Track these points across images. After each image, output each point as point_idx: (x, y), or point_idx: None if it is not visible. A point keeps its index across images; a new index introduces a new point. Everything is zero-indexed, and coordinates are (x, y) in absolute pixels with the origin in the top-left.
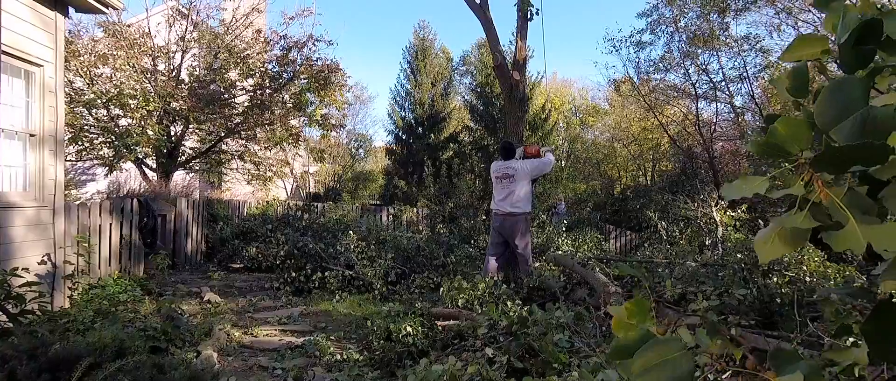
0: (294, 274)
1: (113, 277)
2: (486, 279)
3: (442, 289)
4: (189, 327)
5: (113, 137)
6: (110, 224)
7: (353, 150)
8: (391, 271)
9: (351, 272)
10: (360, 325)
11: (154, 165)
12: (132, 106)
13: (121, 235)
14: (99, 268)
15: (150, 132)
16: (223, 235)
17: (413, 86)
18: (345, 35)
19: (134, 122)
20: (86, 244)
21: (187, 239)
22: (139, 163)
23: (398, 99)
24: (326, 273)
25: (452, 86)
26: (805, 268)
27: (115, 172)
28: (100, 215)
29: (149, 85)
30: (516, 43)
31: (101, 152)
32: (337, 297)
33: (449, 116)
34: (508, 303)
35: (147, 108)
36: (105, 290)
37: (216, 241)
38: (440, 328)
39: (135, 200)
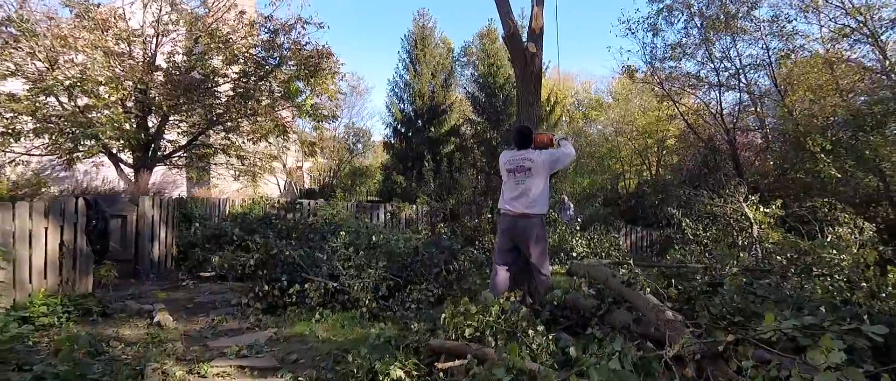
0: (267, 287)
1: (41, 294)
2: (500, 301)
3: (444, 315)
4: (112, 367)
5: (74, 127)
6: (46, 229)
7: (352, 144)
8: (382, 284)
9: (335, 285)
10: (339, 359)
11: (132, 161)
12: (97, 93)
13: (61, 241)
14: (30, 283)
15: (115, 121)
16: (193, 238)
17: (412, 77)
18: (342, 23)
19: (98, 110)
20: (4, 253)
21: (153, 243)
22: (114, 158)
23: (397, 90)
24: (306, 285)
25: (454, 77)
26: (892, 289)
27: (74, 166)
28: (30, 217)
29: (118, 70)
30: (532, 9)
31: (66, 145)
32: (317, 315)
33: (450, 109)
34: (530, 332)
35: (114, 95)
36: (22, 312)
37: (187, 245)
38: (440, 372)
39: (80, 199)
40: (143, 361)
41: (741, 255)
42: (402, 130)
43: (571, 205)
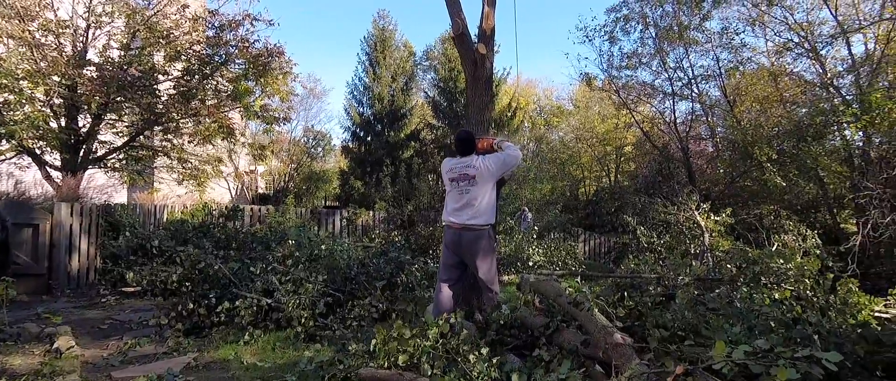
0: (191, 305)
1: None
2: (439, 323)
3: (374, 341)
4: None
5: None
6: None
7: (311, 147)
8: (320, 301)
9: (269, 301)
10: None
11: (60, 164)
12: (17, 88)
13: None
14: None
15: (33, 120)
16: (117, 249)
17: (371, 79)
18: (298, 23)
19: (15, 107)
20: None
21: (72, 255)
22: (38, 160)
23: (356, 93)
24: (237, 303)
25: (415, 81)
26: (841, 305)
27: None
28: None
29: (42, 63)
30: (483, 8)
31: None
32: (246, 336)
33: (410, 113)
34: (471, 357)
35: (37, 91)
36: None
37: (112, 256)
38: None
39: None
40: None
41: (694, 263)
42: (361, 134)
43: (530, 214)
